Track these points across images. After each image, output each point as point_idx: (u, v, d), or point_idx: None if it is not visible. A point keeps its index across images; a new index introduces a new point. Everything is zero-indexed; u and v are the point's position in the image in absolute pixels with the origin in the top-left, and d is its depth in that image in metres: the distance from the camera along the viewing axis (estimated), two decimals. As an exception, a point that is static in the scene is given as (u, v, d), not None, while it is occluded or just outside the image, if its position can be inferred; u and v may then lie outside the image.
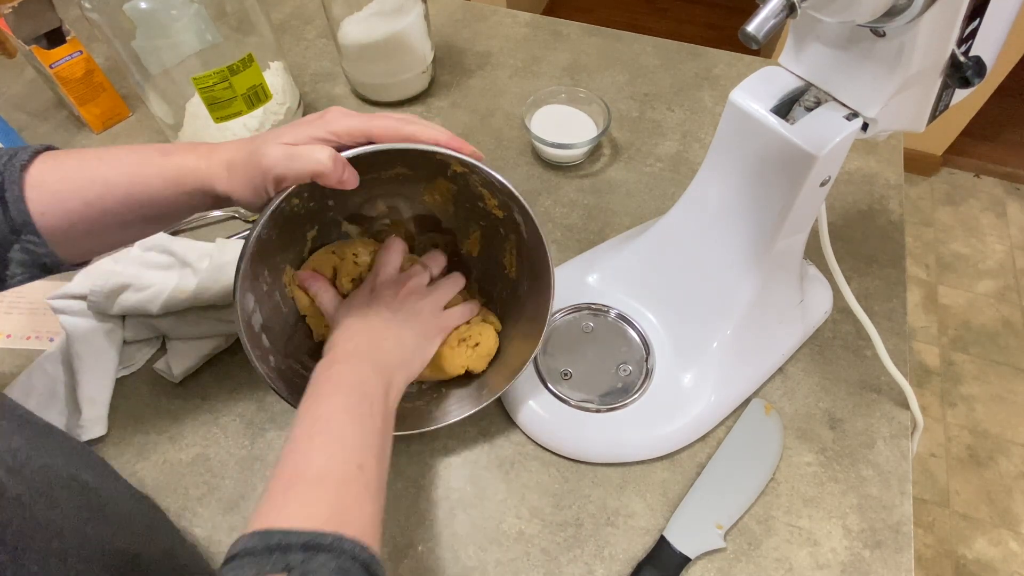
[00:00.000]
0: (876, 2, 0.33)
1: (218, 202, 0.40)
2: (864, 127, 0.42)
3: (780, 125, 0.42)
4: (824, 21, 0.39)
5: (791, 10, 0.31)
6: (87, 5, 0.59)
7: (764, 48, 1.86)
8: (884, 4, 0.33)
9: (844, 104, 0.42)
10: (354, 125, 0.39)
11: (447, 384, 0.53)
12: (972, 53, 0.40)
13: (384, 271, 0.49)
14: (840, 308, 0.60)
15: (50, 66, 0.70)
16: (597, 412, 0.52)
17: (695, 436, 0.52)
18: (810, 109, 0.43)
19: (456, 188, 0.51)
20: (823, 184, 0.44)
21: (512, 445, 0.53)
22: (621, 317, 0.57)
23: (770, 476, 0.51)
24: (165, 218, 0.42)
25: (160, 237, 0.60)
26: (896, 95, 0.39)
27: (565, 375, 0.54)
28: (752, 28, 0.31)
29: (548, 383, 0.53)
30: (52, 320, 0.60)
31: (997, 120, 1.95)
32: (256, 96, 0.68)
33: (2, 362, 0.59)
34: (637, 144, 0.75)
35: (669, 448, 0.52)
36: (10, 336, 0.60)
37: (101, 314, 0.57)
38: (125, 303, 0.56)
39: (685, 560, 0.47)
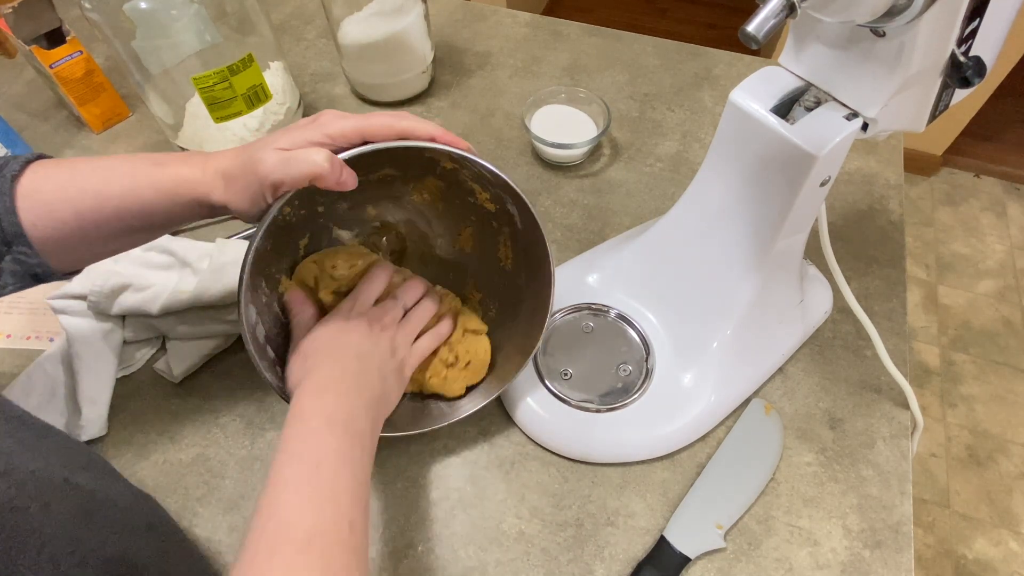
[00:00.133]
0: (876, 2, 0.33)
1: (213, 212, 0.40)
2: (864, 127, 0.42)
3: (780, 125, 0.42)
4: (824, 21, 0.39)
5: (791, 10, 0.31)
6: (87, 5, 0.59)
7: (764, 48, 1.86)
8: (884, 4, 0.33)
9: (844, 104, 0.42)
10: (348, 126, 0.39)
11: None
12: (972, 53, 0.40)
13: (361, 300, 0.47)
14: (840, 308, 0.60)
15: (50, 66, 0.70)
16: (597, 412, 0.52)
17: (695, 436, 0.52)
18: (810, 109, 0.43)
19: (445, 185, 0.51)
20: (823, 184, 0.44)
21: (512, 445, 0.53)
22: (621, 317, 0.57)
23: (770, 476, 0.51)
24: (158, 228, 0.42)
25: (160, 237, 0.60)
26: (896, 95, 0.39)
27: (565, 375, 0.54)
28: (752, 28, 0.31)
29: (548, 383, 0.53)
30: (52, 320, 0.60)
31: (997, 120, 1.95)
32: (256, 96, 0.68)
33: (2, 362, 0.59)
34: (637, 144, 0.75)
35: (669, 448, 0.52)
36: (10, 336, 0.60)
37: (101, 314, 0.57)
38: (125, 303, 0.56)
39: (685, 560, 0.47)
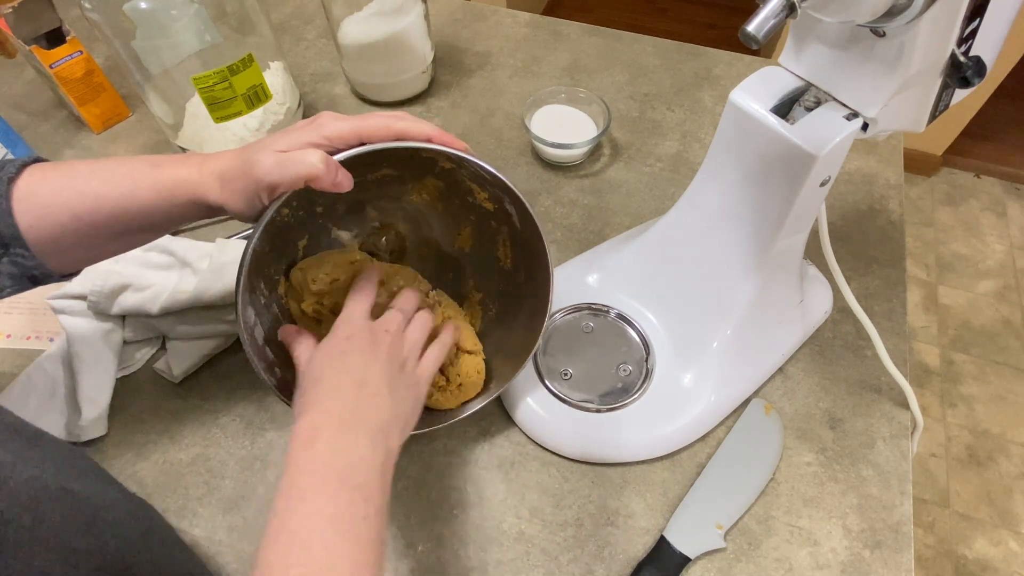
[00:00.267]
0: (876, 2, 0.33)
1: (211, 212, 0.40)
2: (864, 127, 0.42)
3: (780, 125, 0.42)
4: (824, 21, 0.39)
5: (791, 10, 0.31)
6: (87, 5, 0.59)
7: (764, 48, 1.86)
8: (884, 4, 0.33)
9: (844, 104, 0.42)
10: (345, 127, 0.38)
11: None
12: (972, 53, 0.40)
13: (353, 317, 0.43)
14: (840, 308, 0.60)
15: (50, 66, 0.70)
16: (597, 412, 0.52)
17: (695, 436, 0.52)
18: (810, 109, 0.43)
19: (444, 185, 0.51)
20: (823, 184, 0.44)
21: (512, 445, 0.53)
22: (621, 317, 0.57)
23: (770, 476, 0.51)
24: (156, 229, 0.41)
25: (160, 238, 0.60)
26: (896, 95, 0.39)
27: (565, 375, 0.54)
28: (752, 28, 0.31)
29: (548, 383, 0.53)
30: (52, 320, 0.60)
31: (997, 120, 1.95)
32: (256, 96, 0.68)
33: (2, 362, 0.59)
34: (637, 144, 0.75)
35: (669, 448, 0.52)
36: (10, 336, 0.60)
37: (101, 314, 0.57)
38: (125, 303, 0.56)
39: (685, 560, 0.47)
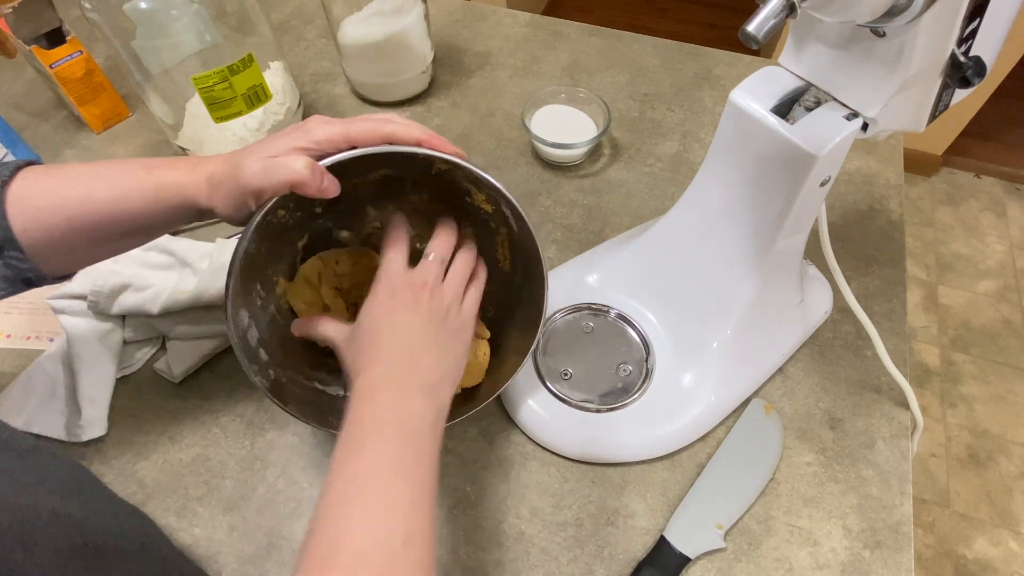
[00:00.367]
0: (876, 2, 0.33)
1: (202, 215, 0.40)
2: (864, 127, 0.42)
3: (780, 125, 0.42)
4: (824, 21, 0.39)
5: (791, 10, 0.31)
6: (87, 5, 0.59)
7: (764, 48, 1.86)
8: (884, 4, 0.33)
9: (844, 104, 0.42)
10: (334, 131, 0.38)
11: None
12: (972, 53, 0.40)
13: (392, 270, 0.42)
14: (840, 308, 0.60)
15: (50, 66, 0.70)
16: (597, 412, 0.52)
17: (695, 436, 0.52)
18: (810, 109, 0.43)
19: (443, 185, 0.51)
20: (823, 184, 0.44)
21: (512, 445, 0.53)
22: (621, 317, 0.57)
23: (770, 476, 0.51)
24: (149, 232, 0.42)
25: (160, 237, 0.60)
26: (896, 95, 0.39)
27: (565, 375, 0.54)
28: (752, 28, 0.31)
29: (548, 383, 0.53)
30: (52, 320, 0.60)
31: (997, 120, 1.95)
32: (256, 96, 0.68)
33: (2, 362, 0.59)
34: (637, 144, 0.75)
35: (669, 448, 0.52)
36: (10, 336, 0.60)
37: (101, 314, 0.57)
38: (125, 303, 0.56)
39: (685, 560, 0.47)
